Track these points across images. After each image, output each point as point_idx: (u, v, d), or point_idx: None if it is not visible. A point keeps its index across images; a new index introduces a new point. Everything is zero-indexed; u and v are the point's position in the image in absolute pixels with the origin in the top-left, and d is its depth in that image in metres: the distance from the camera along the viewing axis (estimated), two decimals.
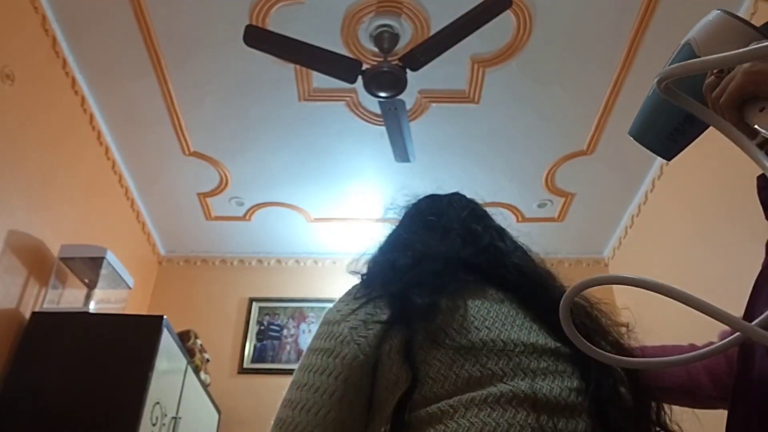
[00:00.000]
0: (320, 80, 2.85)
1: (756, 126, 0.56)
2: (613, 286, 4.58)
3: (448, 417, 0.58)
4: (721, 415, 0.74)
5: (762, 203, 0.75)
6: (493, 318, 0.68)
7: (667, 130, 0.66)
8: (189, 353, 3.13)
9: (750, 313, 0.71)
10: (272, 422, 0.67)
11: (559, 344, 0.67)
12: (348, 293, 0.75)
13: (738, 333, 0.46)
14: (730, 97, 0.58)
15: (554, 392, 0.61)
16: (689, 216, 3.01)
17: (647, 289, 0.45)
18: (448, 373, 0.61)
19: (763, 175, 0.78)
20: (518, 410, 0.58)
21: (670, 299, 0.45)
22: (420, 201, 0.97)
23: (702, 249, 2.85)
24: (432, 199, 0.97)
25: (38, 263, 2.68)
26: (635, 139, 0.71)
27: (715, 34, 0.63)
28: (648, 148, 0.68)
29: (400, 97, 2.64)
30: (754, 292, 0.73)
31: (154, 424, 2.51)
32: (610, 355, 0.54)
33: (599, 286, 0.80)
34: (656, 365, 0.57)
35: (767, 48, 0.45)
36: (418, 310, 0.67)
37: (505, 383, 0.60)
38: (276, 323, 3.98)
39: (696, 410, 0.86)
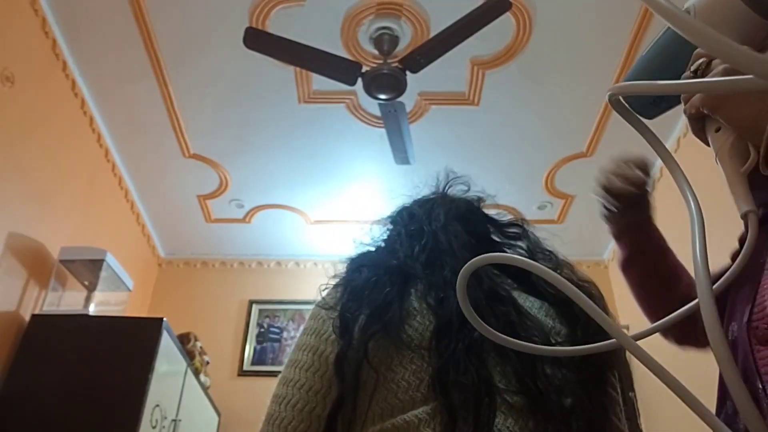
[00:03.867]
0: (320, 82, 2.85)
1: (711, 144, 0.59)
2: (614, 291, 4.54)
3: (425, 425, 0.59)
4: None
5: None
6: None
7: (649, 100, 0.69)
8: (189, 355, 3.13)
9: (731, 314, 0.70)
10: (263, 417, 0.69)
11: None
12: (335, 287, 0.76)
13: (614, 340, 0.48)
14: (689, 112, 0.61)
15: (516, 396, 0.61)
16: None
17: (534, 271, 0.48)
18: (424, 376, 0.62)
19: None
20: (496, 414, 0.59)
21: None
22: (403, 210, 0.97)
23: None
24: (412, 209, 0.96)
25: (38, 265, 2.68)
26: (626, 100, 0.74)
27: (715, 10, 0.61)
28: (636, 112, 0.71)
29: (400, 99, 2.64)
30: (735, 288, 0.73)
31: (154, 427, 2.51)
32: (508, 338, 0.53)
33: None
34: (562, 352, 0.61)
35: (722, 83, 0.45)
36: (392, 314, 0.67)
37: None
38: (276, 325, 3.98)
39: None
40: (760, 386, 0.57)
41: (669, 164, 0.52)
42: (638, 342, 0.47)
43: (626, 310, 3.79)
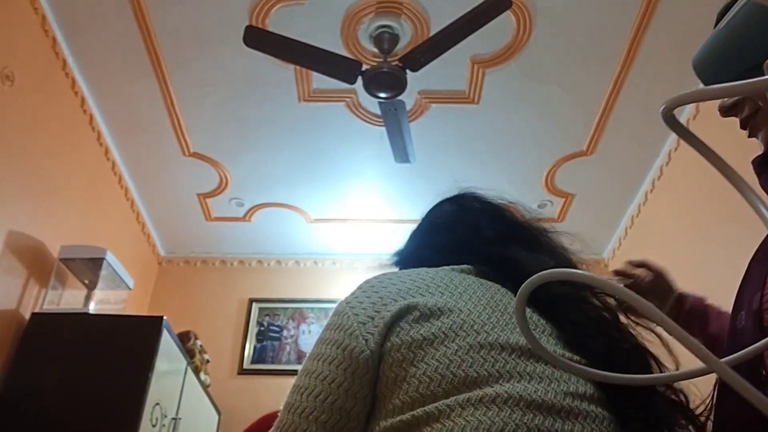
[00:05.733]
0: (320, 81, 2.85)
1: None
2: None
3: (445, 416, 0.60)
4: None
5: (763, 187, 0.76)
6: (494, 321, 0.69)
7: (731, 77, 0.58)
8: (189, 354, 3.13)
9: (738, 303, 0.71)
10: (281, 407, 0.70)
11: (557, 348, 0.69)
12: (360, 287, 0.77)
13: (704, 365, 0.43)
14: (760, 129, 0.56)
15: (549, 395, 0.62)
16: (689, 216, 3.01)
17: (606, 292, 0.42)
18: (446, 372, 0.63)
19: (758, 161, 0.78)
20: (513, 410, 0.60)
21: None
22: (442, 206, 0.99)
23: (702, 249, 2.85)
24: (451, 205, 0.99)
25: (38, 264, 2.68)
26: (699, 77, 0.62)
27: None
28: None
29: (400, 97, 2.64)
30: (746, 278, 0.73)
31: (154, 425, 2.51)
32: (583, 367, 0.52)
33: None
34: (635, 381, 0.56)
35: None
36: (422, 309, 0.69)
37: (501, 385, 0.62)
38: (276, 324, 3.98)
39: None
40: (764, 372, 0.57)
41: (735, 182, 0.44)
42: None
43: None
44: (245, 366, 3.81)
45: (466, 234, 0.89)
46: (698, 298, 1.09)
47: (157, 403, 2.54)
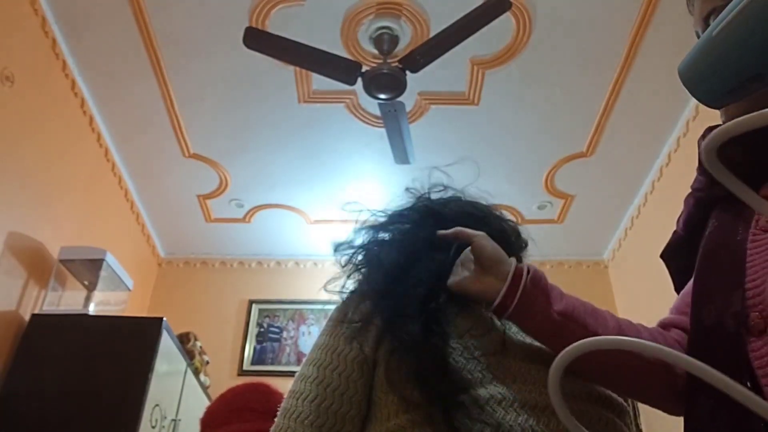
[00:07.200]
0: (320, 82, 2.85)
1: None
2: (614, 290, 4.52)
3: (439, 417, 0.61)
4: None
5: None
6: (476, 323, 0.71)
7: (727, 87, 0.54)
8: (189, 355, 3.13)
9: (703, 297, 0.66)
10: (278, 411, 0.71)
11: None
12: (354, 291, 0.80)
13: None
14: None
15: (544, 396, 0.63)
16: None
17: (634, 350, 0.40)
18: None
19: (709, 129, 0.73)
20: (507, 411, 0.61)
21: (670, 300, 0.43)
22: (422, 206, 0.99)
23: None
24: (434, 204, 0.98)
25: (38, 265, 2.68)
26: (685, 85, 0.57)
27: None
28: (698, 99, 0.57)
29: (400, 99, 2.64)
30: (706, 272, 0.68)
31: (153, 427, 2.51)
32: None
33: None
34: None
35: None
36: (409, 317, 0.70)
37: (495, 386, 0.64)
38: (276, 325, 3.98)
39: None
40: (748, 384, 0.55)
41: None
42: None
43: (626, 310, 3.79)
44: (245, 367, 3.81)
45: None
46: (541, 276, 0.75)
47: (157, 405, 2.54)
